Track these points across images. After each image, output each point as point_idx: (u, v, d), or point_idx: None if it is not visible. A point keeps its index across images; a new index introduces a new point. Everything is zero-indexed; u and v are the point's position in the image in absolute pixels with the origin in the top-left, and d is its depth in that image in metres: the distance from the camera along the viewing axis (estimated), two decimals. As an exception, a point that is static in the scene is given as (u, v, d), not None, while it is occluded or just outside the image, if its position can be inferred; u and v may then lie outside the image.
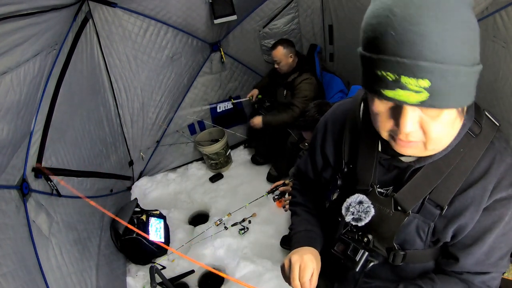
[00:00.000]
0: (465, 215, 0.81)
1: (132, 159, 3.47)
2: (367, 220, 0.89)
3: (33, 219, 1.81)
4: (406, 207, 0.85)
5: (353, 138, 0.95)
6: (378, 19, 0.59)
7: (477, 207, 0.80)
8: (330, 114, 1.05)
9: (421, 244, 0.89)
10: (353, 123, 0.94)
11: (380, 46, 0.59)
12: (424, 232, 0.87)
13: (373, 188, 0.90)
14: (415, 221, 0.87)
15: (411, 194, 0.84)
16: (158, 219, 3.02)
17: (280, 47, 3.11)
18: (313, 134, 1.11)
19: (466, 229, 0.83)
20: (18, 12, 1.40)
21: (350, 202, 0.91)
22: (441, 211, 0.82)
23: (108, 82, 2.95)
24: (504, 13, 1.69)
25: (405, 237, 0.90)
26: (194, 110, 3.61)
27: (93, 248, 2.38)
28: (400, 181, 0.87)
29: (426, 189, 0.83)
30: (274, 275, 2.56)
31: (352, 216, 0.90)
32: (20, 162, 1.84)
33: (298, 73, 3.18)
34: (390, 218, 0.88)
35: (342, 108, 1.01)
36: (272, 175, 3.53)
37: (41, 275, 1.73)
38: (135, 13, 2.78)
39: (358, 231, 0.96)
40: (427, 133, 0.67)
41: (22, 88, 1.60)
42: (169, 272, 2.72)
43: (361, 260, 0.93)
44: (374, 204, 0.89)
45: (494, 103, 1.86)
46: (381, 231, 0.91)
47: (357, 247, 0.94)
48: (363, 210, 0.89)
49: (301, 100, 3.12)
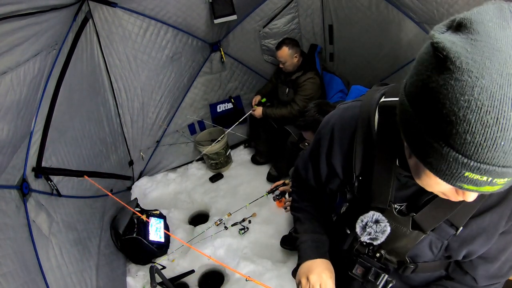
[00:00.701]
0: (480, 238, 0.81)
1: (132, 159, 3.47)
2: (383, 239, 0.87)
3: (33, 219, 1.81)
4: (425, 228, 0.83)
5: (366, 150, 0.87)
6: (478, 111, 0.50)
7: (493, 232, 0.79)
8: (337, 119, 0.95)
9: (432, 257, 0.89)
10: (366, 133, 0.86)
11: (476, 149, 0.51)
12: (436, 247, 0.86)
13: (391, 207, 0.86)
14: (429, 237, 0.85)
15: (432, 216, 0.81)
16: (158, 219, 3.01)
17: (285, 47, 3.10)
18: (316, 138, 1.02)
19: (480, 251, 0.83)
20: (18, 12, 1.40)
21: (367, 222, 0.87)
22: (456, 231, 0.81)
23: (108, 82, 2.95)
24: (504, 13, 1.69)
25: (417, 252, 0.89)
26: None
27: (93, 248, 2.38)
28: (417, 198, 0.83)
29: (447, 212, 0.80)
30: (274, 275, 2.56)
31: (369, 236, 0.88)
32: (20, 162, 1.84)
33: (303, 71, 3.19)
34: (406, 236, 0.86)
35: (351, 114, 0.91)
36: (272, 175, 3.53)
37: (41, 275, 1.73)
38: (135, 13, 2.78)
39: (369, 245, 0.95)
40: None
41: (22, 88, 1.60)
42: (169, 272, 2.72)
43: (381, 283, 0.92)
44: (390, 222, 0.86)
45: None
46: (395, 247, 0.89)
47: (379, 272, 0.92)
48: (380, 230, 0.86)
49: (302, 99, 3.13)
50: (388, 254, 0.92)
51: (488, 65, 0.48)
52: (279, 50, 3.13)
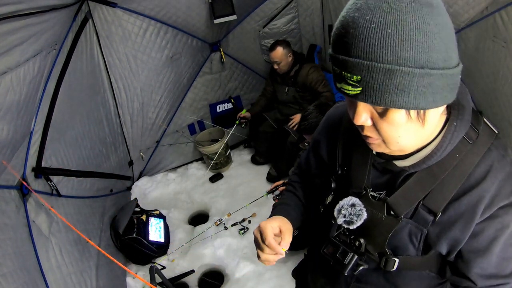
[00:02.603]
0: (459, 223, 0.79)
1: (132, 159, 3.47)
2: (359, 223, 0.87)
3: (33, 219, 1.81)
4: (398, 212, 0.84)
5: (348, 140, 0.94)
6: (337, 21, 0.67)
7: (471, 215, 0.77)
8: (327, 116, 1.06)
9: (414, 250, 0.87)
10: (349, 125, 0.92)
11: (332, 44, 0.68)
12: (416, 238, 0.85)
13: (366, 192, 0.89)
14: (407, 226, 0.85)
15: (404, 198, 0.83)
16: (158, 219, 3.02)
17: (279, 47, 3.10)
18: (313, 135, 1.12)
19: (462, 240, 0.80)
20: (18, 12, 1.40)
21: (343, 205, 0.89)
22: (435, 217, 0.80)
23: (108, 82, 2.95)
24: (504, 13, 1.69)
25: (397, 242, 0.88)
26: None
27: (93, 248, 2.38)
28: (393, 185, 0.86)
29: (420, 194, 0.81)
30: (274, 275, 2.56)
31: (344, 218, 0.89)
32: (20, 162, 1.84)
33: (298, 65, 3.20)
34: (382, 222, 0.86)
35: (340, 110, 1.01)
36: (272, 175, 3.53)
37: (41, 275, 1.73)
38: (135, 13, 2.78)
39: (350, 235, 0.95)
40: (379, 130, 0.72)
41: (22, 88, 1.60)
42: (169, 272, 2.72)
43: (350, 263, 0.91)
44: (367, 207, 0.87)
45: (494, 103, 1.86)
46: (373, 235, 0.89)
47: (346, 249, 0.92)
48: (355, 213, 0.87)
49: (322, 85, 3.14)
50: (369, 245, 0.92)
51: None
52: (273, 51, 3.12)
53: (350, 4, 0.64)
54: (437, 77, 0.61)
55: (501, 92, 1.80)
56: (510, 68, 1.72)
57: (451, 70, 0.63)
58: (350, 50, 0.62)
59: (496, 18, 1.74)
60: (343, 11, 0.65)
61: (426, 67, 0.60)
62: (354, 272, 0.92)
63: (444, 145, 0.77)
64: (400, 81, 0.60)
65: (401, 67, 0.59)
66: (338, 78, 0.68)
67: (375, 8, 0.59)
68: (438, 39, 0.60)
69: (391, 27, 0.58)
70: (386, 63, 0.59)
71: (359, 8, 0.61)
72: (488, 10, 1.80)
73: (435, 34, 0.59)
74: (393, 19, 0.58)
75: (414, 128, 0.70)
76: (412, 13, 0.58)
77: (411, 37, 0.58)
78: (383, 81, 0.61)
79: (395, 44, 0.58)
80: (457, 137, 0.76)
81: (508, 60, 1.71)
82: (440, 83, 0.62)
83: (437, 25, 0.60)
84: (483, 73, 1.88)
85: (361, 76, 0.62)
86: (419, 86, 0.61)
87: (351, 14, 0.62)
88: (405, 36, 0.58)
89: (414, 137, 0.73)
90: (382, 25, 0.58)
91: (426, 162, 0.79)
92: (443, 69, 0.61)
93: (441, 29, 0.60)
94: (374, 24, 0.59)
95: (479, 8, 1.83)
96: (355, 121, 0.72)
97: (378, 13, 0.59)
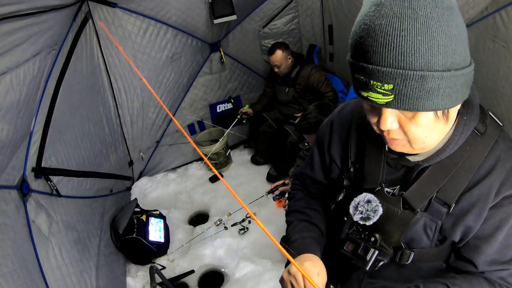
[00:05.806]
0: (472, 213, 0.82)
1: (132, 159, 3.47)
2: (375, 219, 0.89)
3: (33, 219, 1.81)
4: (415, 205, 0.86)
5: (360, 137, 0.96)
6: (355, 28, 0.66)
7: (483, 204, 0.80)
8: (336, 115, 1.05)
9: (428, 242, 0.90)
10: (360, 122, 0.95)
11: (355, 52, 0.66)
12: (431, 230, 0.87)
13: (381, 187, 0.91)
14: (422, 219, 0.87)
15: (419, 193, 0.85)
16: (158, 219, 3.02)
17: (279, 51, 3.09)
18: (318, 136, 1.10)
19: (474, 228, 0.83)
20: (18, 12, 1.41)
21: (358, 201, 0.91)
22: (449, 209, 0.83)
23: (108, 82, 2.95)
24: (504, 13, 1.69)
25: (412, 235, 0.90)
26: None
27: (93, 248, 2.38)
28: (407, 180, 0.88)
29: (434, 187, 0.84)
30: (274, 275, 2.56)
31: (361, 215, 0.90)
32: (20, 162, 1.84)
33: (299, 67, 3.19)
34: (398, 217, 0.88)
35: (349, 109, 1.02)
36: (272, 175, 3.53)
37: (41, 275, 1.73)
38: (135, 13, 2.78)
39: (364, 231, 0.96)
40: (406, 133, 0.72)
41: (22, 88, 1.60)
42: (169, 272, 2.72)
43: (371, 259, 0.93)
44: (382, 203, 0.89)
45: (494, 103, 1.86)
46: (389, 230, 0.91)
47: (368, 246, 0.94)
48: (372, 209, 0.89)
49: (325, 85, 3.15)
50: (384, 240, 0.93)
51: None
52: (273, 54, 3.10)
53: (370, 10, 0.63)
54: (460, 76, 0.63)
55: (502, 92, 1.81)
56: (510, 68, 1.72)
57: (468, 68, 0.65)
58: (380, 59, 0.62)
59: (496, 18, 1.74)
60: (362, 17, 0.64)
61: (452, 69, 0.62)
62: (374, 267, 0.94)
63: (456, 138, 0.79)
64: (431, 86, 0.62)
65: (432, 72, 0.60)
66: (364, 87, 0.67)
67: (402, 16, 0.59)
68: (460, 41, 0.62)
69: (420, 34, 0.59)
70: (418, 70, 0.60)
71: (384, 15, 0.60)
72: (488, 10, 1.80)
73: (457, 37, 0.61)
74: (421, 26, 0.59)
75: (440, 127, 0.73)
76: (437, 18, 0.59)
77: (439, 42, 0.59)
78: (416, 87, 0.62)
79: (425, 50, 0.59)
80: (468, 130, 0.79)
81: (508, 60, 1.71)
82: (461, 82, 0.64)
83: (457, 27, 0.61)
84: (483, 73, 1.88)
85: (394, 84, 0.62)
86: (446, 87, 0.63)
87: (376, 21, 0.61)
88: (433, 42, 0.59)
89: (439, 135, 0.76)
90: (411, 32, 0.59)
91: (440, 155, 0.81)
92: (463, 68, 0.64)
93: (461, 30, 0.62)
94: (404, 32, 0.59)
95: (479, 8, 1.83)
96: (381, 127, 0.72)
97: (406, 21, 0.59)
